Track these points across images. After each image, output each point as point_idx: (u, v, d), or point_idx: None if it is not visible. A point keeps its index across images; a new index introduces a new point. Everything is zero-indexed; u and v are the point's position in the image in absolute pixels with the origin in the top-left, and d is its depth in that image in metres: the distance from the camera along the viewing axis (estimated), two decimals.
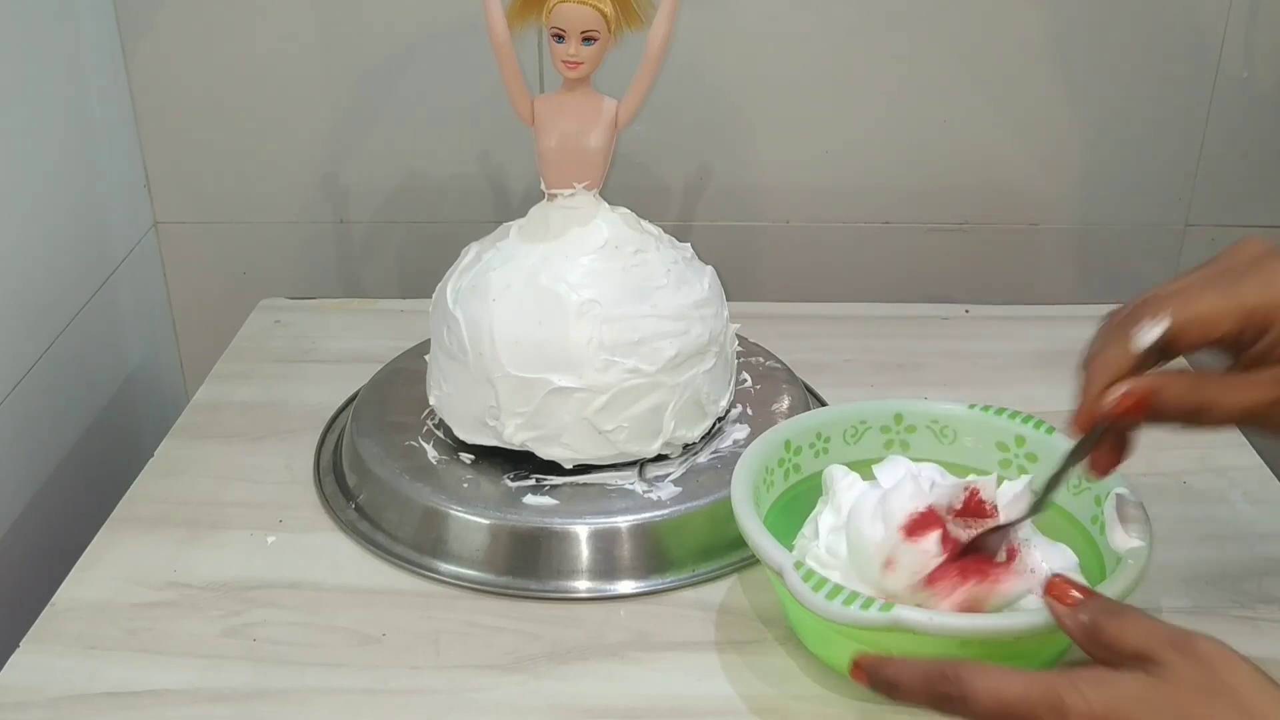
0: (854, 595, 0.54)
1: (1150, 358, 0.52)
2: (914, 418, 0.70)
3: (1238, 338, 0.51)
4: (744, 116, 1.01)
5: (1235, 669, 0.43)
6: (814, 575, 0.55)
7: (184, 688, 0.61)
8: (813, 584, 0.55)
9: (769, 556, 0.58)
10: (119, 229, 0.99)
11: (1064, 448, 0.55)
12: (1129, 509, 0.60)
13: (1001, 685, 0.45)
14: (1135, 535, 0.58)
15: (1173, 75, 0.99)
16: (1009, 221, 1.05)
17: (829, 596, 0.54)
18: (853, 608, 0.53)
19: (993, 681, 0.46)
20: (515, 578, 0.68)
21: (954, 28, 0.97)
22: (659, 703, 0.60)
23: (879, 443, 0.70)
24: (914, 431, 0.70)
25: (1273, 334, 0.50)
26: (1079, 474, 0.56)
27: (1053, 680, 0.44)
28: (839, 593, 0.54)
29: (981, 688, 0.46)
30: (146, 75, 0.99)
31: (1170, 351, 0.52)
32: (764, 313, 0.91)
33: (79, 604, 0.66)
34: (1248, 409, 0.51)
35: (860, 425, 0.69)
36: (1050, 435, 0.66)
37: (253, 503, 0.74)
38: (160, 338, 1.07)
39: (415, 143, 1.01)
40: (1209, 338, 0.51)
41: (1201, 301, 0.51)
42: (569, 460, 0.71)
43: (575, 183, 0.72)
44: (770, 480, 0.67)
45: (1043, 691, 0.44)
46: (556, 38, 0.68)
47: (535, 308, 0.69)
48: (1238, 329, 0.50)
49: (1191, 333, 0.51)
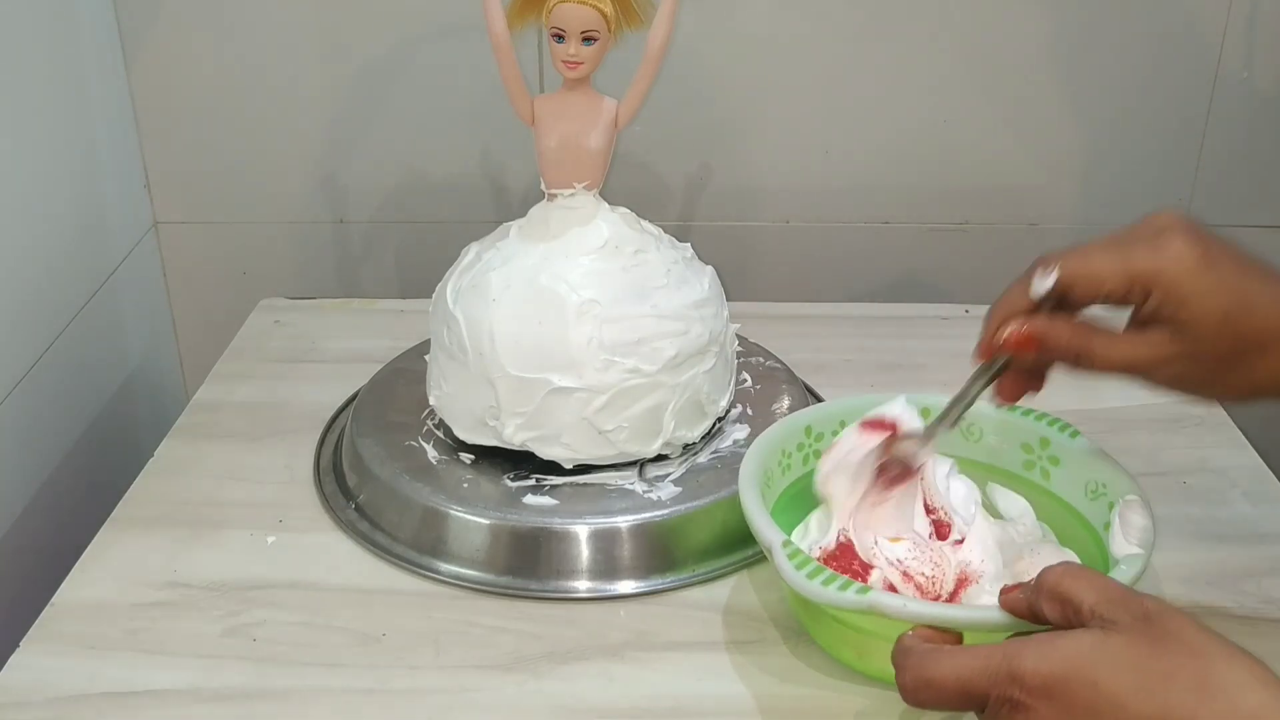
0: (834, 577, 0.55)
1: (1048, 306, 0.57)
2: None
3: (1124, 297, 0.55)
4: (744, 117, 1.01)
5: (1181, 622, 0.45)
6: (800, 554, 0.56)
7: (184, 688, 0.61)
8: (796, 562, 0.56)
9: (761, 534, 0.59)
10: (119, 229, 0.99)
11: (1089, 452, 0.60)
12: (1134, 516, 0.60)
13: (959, 665, 0.47)
14: (1135, 542, 0.59)
15: (1173, 75, 0.99)
16: (1009, 221, 1.05)
17: (810, 575, 0.55)
18: (831, 588, 0.54)
19: (951, 662, 0.48)
20: (515, 578, 0.68)
21: (954, 28, 0.97)
22: (659, 703, 0.60)
23: None
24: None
25: (1155, 298, 0.54)
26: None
27: (1006, 650, 0.46)
28: (820, 572, 0.55)
29: (940, 671, 0.48)
30: (146, 75, 0.99)
31: (1068, 303, 0.57)
32: (764, 313, 0.91)
33: (79, 604, 0.66)
34: (1124, 362, 0.56)
35: None
36: (1074, 439, 0.66)
37: (253, 503, 0.74)
38: (160, 338, 1.07)
39: (415, 143, 1.01)
40: (1096, 294, 0.56)
41: (1092, 260, 0.56)
42: (569, 460, 0.71)
43: (575, 183, 0.72)
44: (787, 464, 0.67)
45: (999, 662, 0.46)
46: (556, 38, 0.68)
47: (535, 308, 0.69)
48: (1122, 289, 0.55)
49: (1079, 287, 0.56)
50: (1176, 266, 0.54)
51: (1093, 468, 0.64)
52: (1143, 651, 0.44)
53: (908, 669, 0.49)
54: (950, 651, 0.49)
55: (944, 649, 0.49)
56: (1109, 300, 0.56)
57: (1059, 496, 0.66)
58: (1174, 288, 0.54)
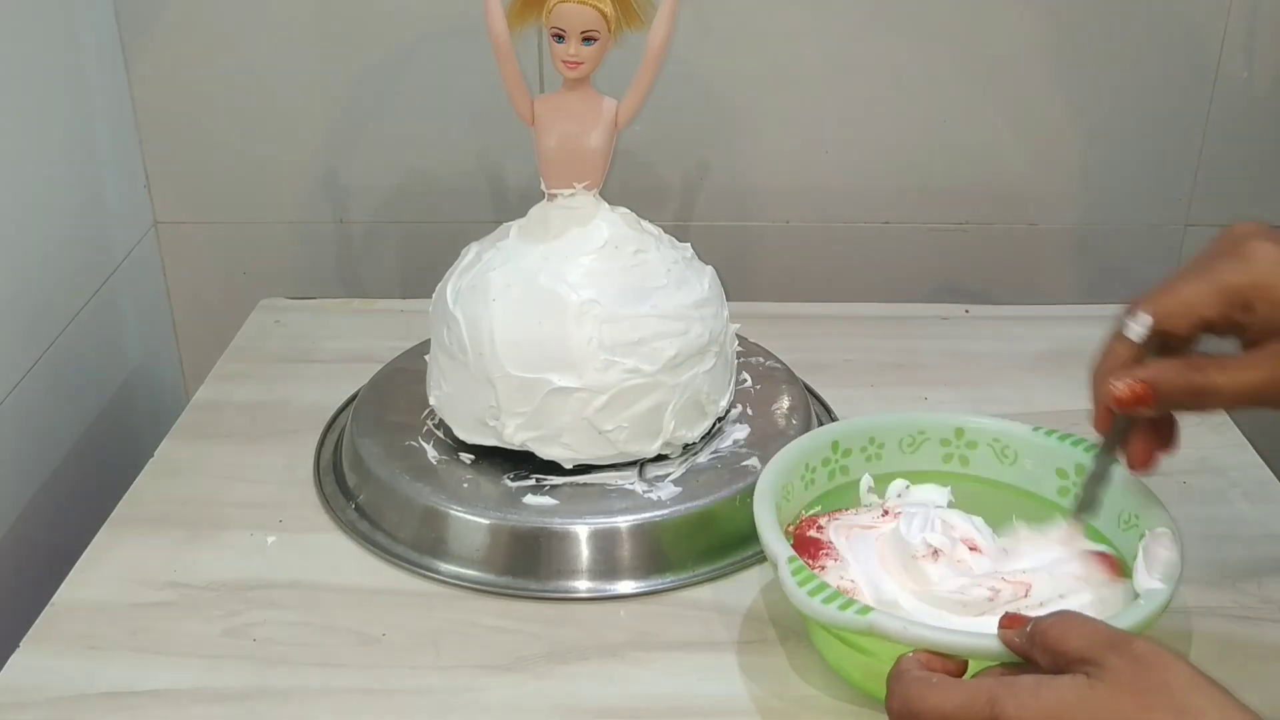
0: (835, 595, 0.54)
1: (1152, 354, 0.54)
2: (976, 433, 0.68)
3: (1227, 319, 0.52)
4: (744, 116, 1.01)
5: (1171, 668, 0.43)
6: (804, 571, 0.56)
7: (184, 688, 0.61)
8: (800, 579, 0.55)
9: (769, 547, 0.58)
10: (119, 229, 0.99)
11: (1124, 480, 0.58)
12: (1160, 549, 0.58)
13: (943, 699, 0.46)
14: (1158, 577, 0.57)
15: (1173, 75, 0.99)
16: (1009, 221, 1.05)
17: (812, 593, 0.54)
18: (831, 606, 0.54)
19: (936, 696, 0.47)
20: (515, 578, 0.68)
21: (954, 27, 0.97)
22: (659, 703, 0.60)
23: (938, 455, 0.68)
24: (975, 448, 0.68)
25: (1260, 311, 0.51)
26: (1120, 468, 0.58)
27: (992, 692, 0.45)
28: (823, 590, 0.55)
29: (925, 703, 0.47)
30: (146, 75, 0.99)
31: (1172, 344, 0.54)
32: (764, 313, 0.91)
33: (79, 604, 0.66)
34: (1245, 389, 0.52)
35: (918, 435, 0.68)
36: (1112, 468, 0.61)
37: (253, 503, 0.74)
38: (160, 338, 1.07)
39: (415, 142, 1.01)
40: (1196, 323, 0.53)
41: (1181, 289, 0.53)
42: (569, 460, 0.71)
43: (575, 183, 0.72)
44: (810, 478, 0.67)
45: (982, 705, 0.45)
46: (556, 38, 0.68)
47: (535, 308, 0.69)
48: (1222, 311, 0.52)
49: (1176, 320, 0.53)
50: (1271, 271, 0.51)
51: (1126, 497, 0.62)
52: (1127, 704, 0.43)
53: (896, 695, 0.48)
54: (939, 684, 0.48)
55: (934, 680, 0.48)
56: (1213, 329, 0.53)
57: (1091, 526, 0.63)
58: (1274, 293, 0.51)
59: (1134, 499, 0.61)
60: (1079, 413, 0.68)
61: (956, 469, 0.68)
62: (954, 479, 0.67)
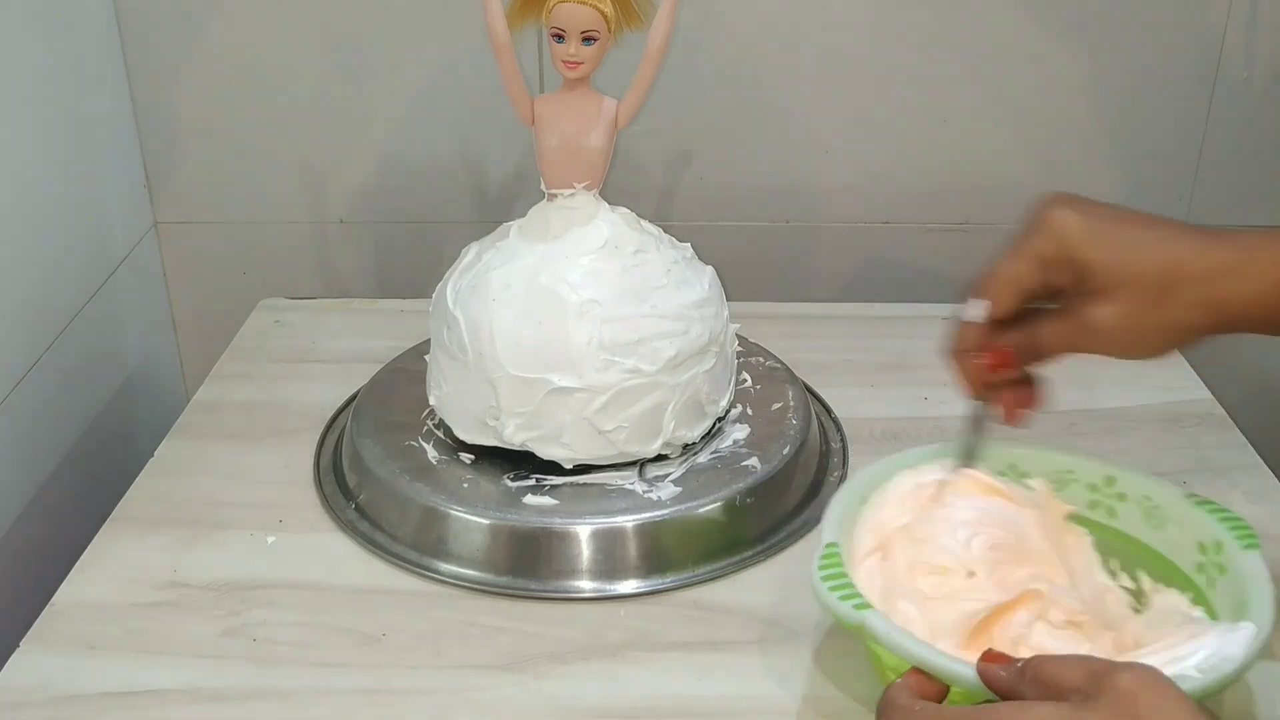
0: (844, 585, 0.55)
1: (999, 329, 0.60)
2: (1128, 485, 0.64)
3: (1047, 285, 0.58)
4: (744, 116, 1.01)
5: (1159, 697, 0.43)
6: (834, 557, 0.57)
7: (184, 688, 0.61)
8: (824, 564, 0.56)
9: (824, 526, 0.60)
10: (119, 229, 0.99)
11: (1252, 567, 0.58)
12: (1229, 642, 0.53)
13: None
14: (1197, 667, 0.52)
15: (1173, 75, 0.99)
16: (1009, 221, 1.03)
17: (824, 578, 0.56)
18: (834, 595, 0.55)
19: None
20: (515, 578, 0.68)
21: (954, 28, 0.97)
22: (659, 703, 0.60)
23: (1084, 501, 0.65)
24: (1124, 500, 0.64)
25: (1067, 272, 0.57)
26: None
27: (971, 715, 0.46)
28: (836, 578, 0.55)
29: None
30: (146, 75, 0.99)
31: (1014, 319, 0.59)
32: (764, 313, 0.91)
33: (79, 604, 0.66)
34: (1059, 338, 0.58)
35: (1067, 474, 0.65)
36: (1246, 550, 0.59)
37: (253, 503, 0.74)
38: (160, 338, 1.07)
39: (415, 143, 1.01)
40: (1020, 294, 0.58)
41: (1002, 268, 0.59)
42: (569, 460, 0.71)
43: (575, 183, 0.72)
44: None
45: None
46: (556, 38, 0.68)
47: (535, 308, 0.69)
48: (1038, 279, 0.58)
49: (1004, 296, 0.59)
50: (1070, 235, 0.56)
51: (1246, 585, 0.57)
52: None
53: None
54: (922, 712, 0.48)
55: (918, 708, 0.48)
56: (1044, 295, 0.58)
57: (1214, 609, 0.59)
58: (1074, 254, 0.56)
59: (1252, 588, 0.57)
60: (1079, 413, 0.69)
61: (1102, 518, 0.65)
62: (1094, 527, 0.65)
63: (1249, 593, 0.57)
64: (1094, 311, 0.56)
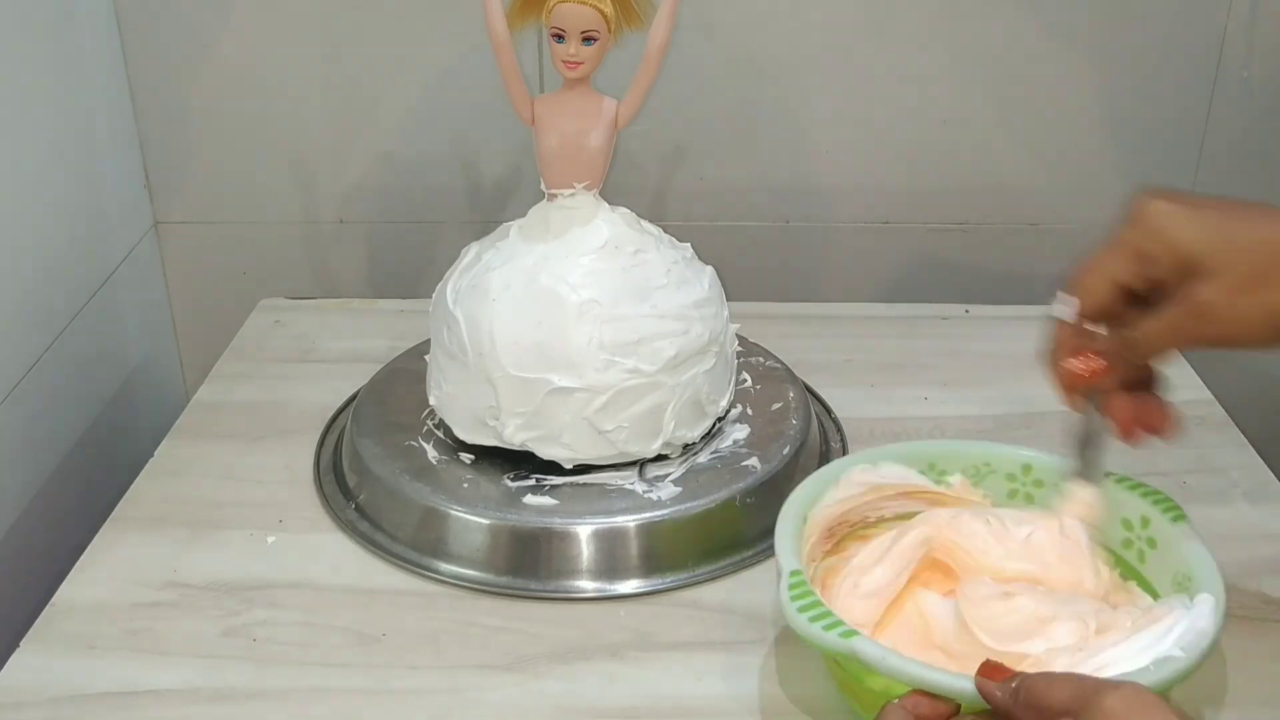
0: (824, 615, 0.53)
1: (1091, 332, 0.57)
2: (1044, 472, 0.65)
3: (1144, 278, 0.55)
4: (744, 116, 1.01)
5: (1146, 717, 0.43)
6: (803, 586, 0.55)
7: (184, 688, 0.61)
8: (795, 593, 0.55)
9: (780, 558, 0.58)
10: (119, 229, 0.99)
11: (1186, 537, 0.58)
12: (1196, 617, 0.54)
13: None
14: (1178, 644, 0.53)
15: (1173, 74, 0.99)
16: (1009, 221, 1.05)
17: (802, 610, 0.54)
18: (817, 626, 0.53)
19: None
20: (515, 578, 0.68)
21: (954, 28, 0.97)
22: (659, 703, 0.60)
23: (1003, 491, 0.66)
24: (1041, 487, 0.65)
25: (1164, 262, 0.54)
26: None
27: None
28: (814, 608, 0.54)
29: None
30: (146, 75, 0.99)
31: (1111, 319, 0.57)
32: (764, 313, 0.91)
33: (79, 604, 0.66)
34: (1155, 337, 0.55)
35: (984, 467, 0.66)
36: (1176, 523, 0.60)
37: (253, 503, 0.74)
38: (160, 338, 1.07)
39: (415, 143, 1.01)
40: (1113, 289, 0.56)
41: (1093, 262, 0.57)
42: (569, 460, 0.71)
43: (575, 183, 0.72)
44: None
45: None
46: (556, 38, 0.68)
47: (535, 308, 0.69)
48: (1132, 270, 0.55)
49: (1096, 291, 0.56)
50: (1163, 222, 0.54)
51: (1185, 557, 0.59)
52: None
53: None
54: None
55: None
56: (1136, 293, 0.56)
57: (1149, 582, 0.61)
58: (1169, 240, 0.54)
59: (1191, 559, 0.58)
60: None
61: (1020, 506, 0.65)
62: None
63: (1191, 564, 0.58)
64: (1198, 292, 0.53)
